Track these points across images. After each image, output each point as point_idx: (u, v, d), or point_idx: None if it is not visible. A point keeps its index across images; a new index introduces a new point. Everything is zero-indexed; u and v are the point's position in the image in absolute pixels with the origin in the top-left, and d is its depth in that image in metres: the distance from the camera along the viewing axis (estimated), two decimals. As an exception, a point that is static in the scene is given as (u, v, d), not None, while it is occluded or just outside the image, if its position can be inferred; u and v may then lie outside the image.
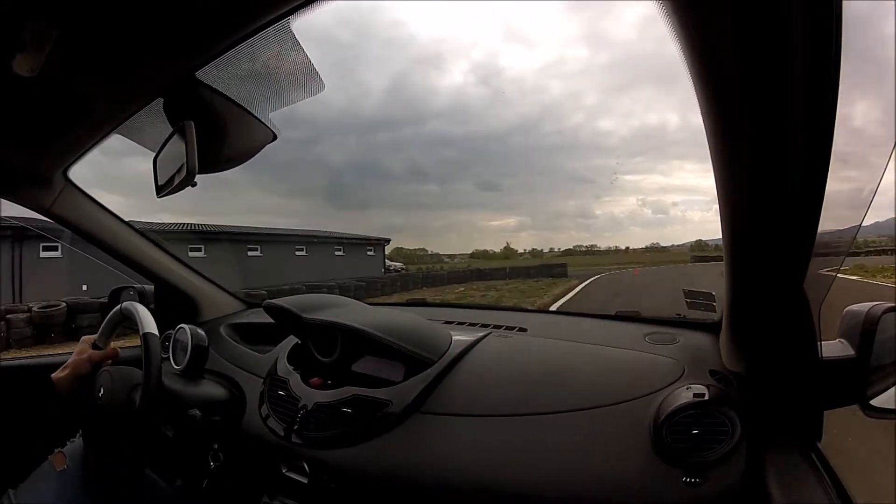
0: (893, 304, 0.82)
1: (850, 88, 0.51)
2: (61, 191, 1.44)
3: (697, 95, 0.56)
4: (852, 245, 0.76)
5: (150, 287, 1.77)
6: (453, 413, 1.07)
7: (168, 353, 1.40)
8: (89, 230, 1.57)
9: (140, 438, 1.19)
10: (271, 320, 1.43)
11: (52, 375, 1.24)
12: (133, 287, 1.76)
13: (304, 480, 1.15)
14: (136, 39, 0.78)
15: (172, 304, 1.78)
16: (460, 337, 1.27)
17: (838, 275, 0.77)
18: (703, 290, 1.29)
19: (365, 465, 1.07)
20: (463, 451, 1.01)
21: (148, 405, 1.13)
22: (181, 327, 1.39)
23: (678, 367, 1.03)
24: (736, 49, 0.48)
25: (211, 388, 1.35)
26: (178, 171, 0.88)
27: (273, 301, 1.37)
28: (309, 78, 0.92)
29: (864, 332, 0.81)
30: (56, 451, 1.27)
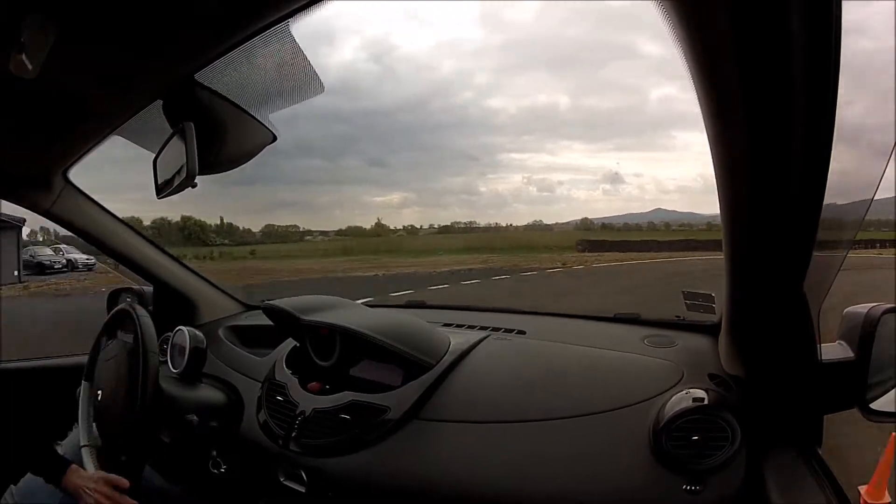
0: (893, 306, 0.82)
1: (851, 88, 0.51)
2: (61, 192, 1.44)
3: (697, 95, 0.55)
4: (852, 246, 0.76)
5: (148, 289, 1.77)
6: (451, 419, 1.07)
7: (166, 355, 1.40)
8: (89, 231, 1.57)
9: (138, 442, 1.18)
10: (269, 322, 1.43)
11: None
12: (132, 289, 1.76)
13: (302, 489, 1.14)
14: (136, 41, 0.78)
15: (171, 306, 1.78)
16: (459, 339, 1.26)
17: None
18: (703, 292, 1.28)
19: (363, 473, 1.07)
20: (461, 459, 1.00)
21: (145, 409, 1.13)
22: (179, 329, 1.39)
23: (677, 371, 1.03)
24: (736, 49, 0.48)
25: (208, 393, 1.35)
26: (178, 172, 0.88)
27: (272, 302, 1.37)
28: (308, 79, 0.92)
29: (864, 333, 0.81)
30: (56, 443, 1.27)
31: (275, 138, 1.02)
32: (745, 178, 0.62)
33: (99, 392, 1.30)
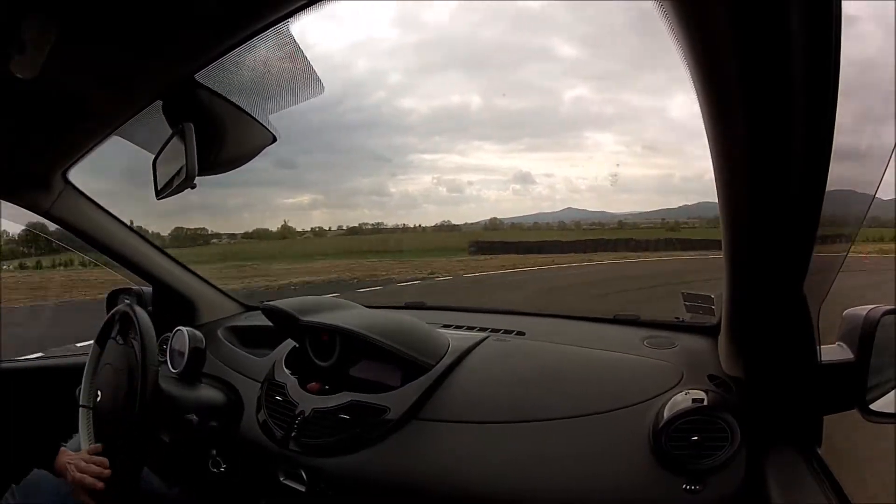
0: (892, 307, 0.82)
1: (851, 88, 0.51)
2: (60, 193, 1.44)
3: (697, 95, 0.56)
4: (852, 247, 0.76)
5: (147, 289, 1.77)
6: (451, 420, 1.07)
7: (165, 356, 1.40)
8: (88, 232, 1.57)
9: (137, 443, 1.18)
10: (269, 323, 1.43)
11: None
12: (131, 289, 1.76)
13: (302, 489, 1.14)
14: (136, 41, 0.78)
15: (170, 307, 1.77)
16: (458, 340, 1.27)
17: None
18: (703, 293, 1.29)
19: (362, 473, 1.07)
20: (460, 459, 1.00)
21: (145, 409, 1.13)
22: (179, 330, 1.39)
23: (677, 372, 1.03)
24: (736, 49, 0.48)
25: (208, 393, 1.35)
26: (178, 173, 0.88)
27: (271, 303, 1.37)
28: (308, 80, 0.92)
29: (864, 335, 0.81)
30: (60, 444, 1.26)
31: (275, 139, 1.02)
32: (745, 178, 0.62)
33: (98, 392, 1.30)
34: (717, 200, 0.68)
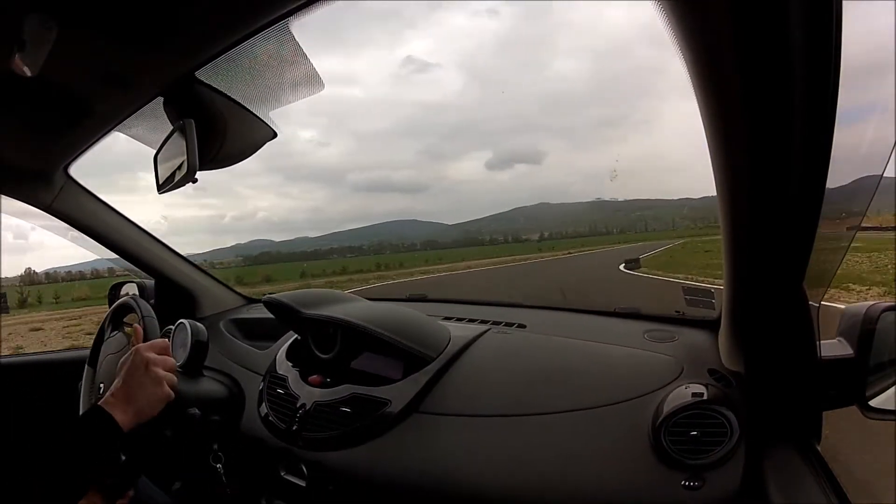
0: (892, 303, 0.82)
1: (851, 88, 0.50)
2: (62, 187, 1.45)
3: (697, 95, 0.55)
4: (852, 243, 0.76)
5: (150, 282, 1.77)
6: (452, 413, 1.07)
7: None
8: (90, 226, 1.58)
9: (139, 436, 1.19)
10: (270, 315, 1.43)
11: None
12: (133, 282, 1.76)
13: (303, 483, 1.14)
14: (137, 38, 0.78)
15: (172, 300, 1.78)
16: (459, 333, 1.27)
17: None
18: (703, 287, 1.28)
19: (363, 467, 1.07)
20: (461, 452, 1.01)
21: None
22: (181, 322, 1.39)
23: (677, 366, 1.03)
24: (736, 49, 0.48)
25: (210, 386, 1.35)
26: (179, 168, 0.88)
27: (272, 296, 1.37)
28: (308, 77, 0.92)
29: (863, 331, 0.81)
30: None
31: (275, 135, 1.02)
32: (744, 176, 0.62)
33: (101, 385, 1.31)
34: (715, 198, 0.68)
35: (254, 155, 1.02)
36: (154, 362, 1.03)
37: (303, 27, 0.77)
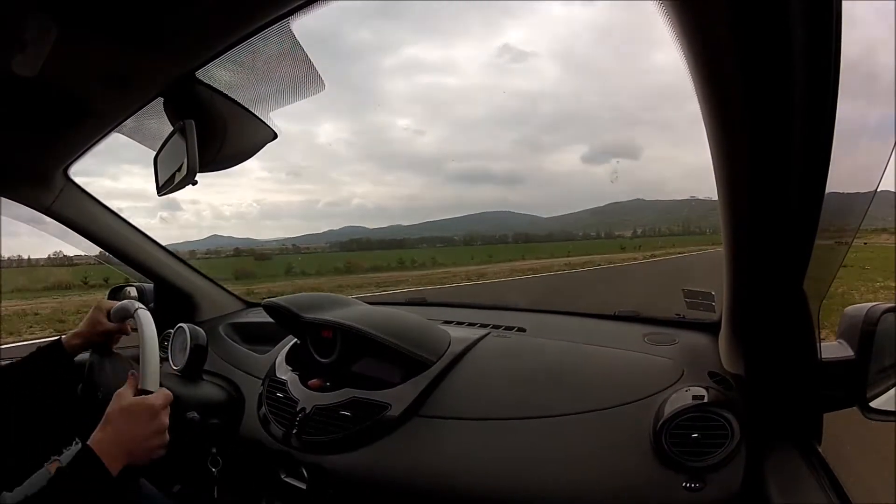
0: (892, 305, 0.82)
1: (851, 88, 0.50)
2: (62, 189, 1.44)
3: (697, 95, 0.55)
4: (852, 245, 0.76)
5: (149, 285, 1.77)
6: (452, 416, 1.07)
7: (167, 352, 1.40)
8: (89, 228, 1.57)
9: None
10: (270, 319, 1.43)
11: (63, 339, 1.21)
12: (132, 285, 1.76)
13: (303, 486, 1.14)
14: (137, 38, 0.78)
15: (172, 303, 1.78)
16: (459, 337, 1.27)
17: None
18: (703, 290, 1.28)
19: (363, 470, 1.07)
20: (461, 456, 1.00)
21: None
22: (180, 326, 1.39)
23: (677, 369, 1.03)
24: (736, 49, 0.48)
25: (210, 390, 1.34)
26: (179, 169, 0.88)
27: (272, 300, 1.37)
28: (309, 77, 0.92)
29: (864, 332, 0.81)
30: (52, 458, 1.25)
31: (275, 136, 1.02)
32: (745, 176, 0.62)
33: (100, 390, 1.30)
34: (717, 198, 0.68)
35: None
36: (164, 411, 0.99)
37: (398, 18, 0.76)
